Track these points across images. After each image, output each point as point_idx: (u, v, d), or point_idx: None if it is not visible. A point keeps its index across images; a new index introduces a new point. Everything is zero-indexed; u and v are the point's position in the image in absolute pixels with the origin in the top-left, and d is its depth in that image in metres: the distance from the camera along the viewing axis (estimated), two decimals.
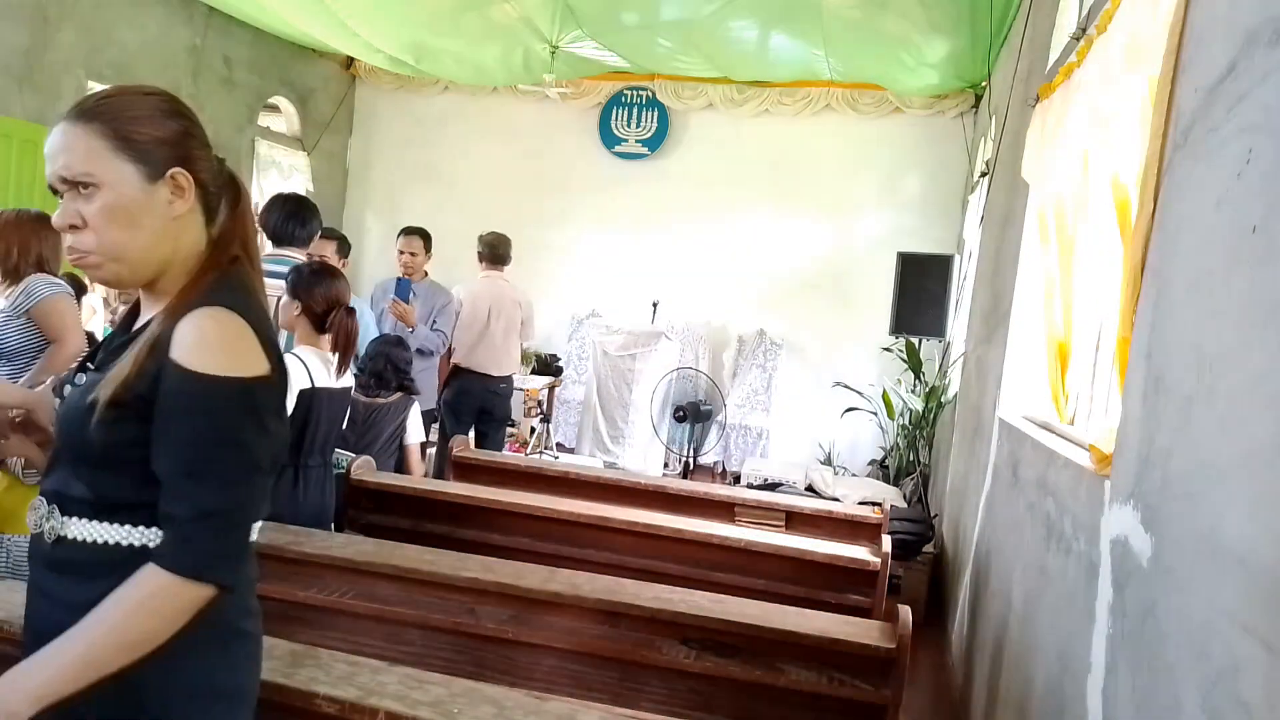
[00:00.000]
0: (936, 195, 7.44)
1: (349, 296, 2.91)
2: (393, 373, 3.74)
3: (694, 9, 5.89)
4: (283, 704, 1.59)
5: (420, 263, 4.74)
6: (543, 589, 2.26)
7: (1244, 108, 1.26)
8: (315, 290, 2.82)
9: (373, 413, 3.69)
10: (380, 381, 3.72)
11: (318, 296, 2.81)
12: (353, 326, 2.84)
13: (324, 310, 2.81)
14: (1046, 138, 2.88)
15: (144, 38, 6.09)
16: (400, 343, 3.94)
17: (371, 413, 3.68)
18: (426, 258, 4.80)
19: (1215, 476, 1.21)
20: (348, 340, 2.82)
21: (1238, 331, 1.20)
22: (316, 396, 2.76)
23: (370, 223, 8.52)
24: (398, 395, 3.74)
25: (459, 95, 8.42)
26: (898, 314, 6.14)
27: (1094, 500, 1.85)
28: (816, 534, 3.28)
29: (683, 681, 2.21)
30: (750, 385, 7.73)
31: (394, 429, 3.73)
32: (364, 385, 3.69)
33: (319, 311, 2.81)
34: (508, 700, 1.61)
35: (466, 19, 6.28)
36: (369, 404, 3.68)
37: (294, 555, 2.38)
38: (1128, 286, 1.74)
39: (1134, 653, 1.47)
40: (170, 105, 1.29)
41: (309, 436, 2.79)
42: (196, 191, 1.27)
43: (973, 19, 5.17)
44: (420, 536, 2.87)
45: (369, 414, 3.68)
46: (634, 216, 8.12)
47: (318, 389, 2.77)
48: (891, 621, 2.15)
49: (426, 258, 4.80)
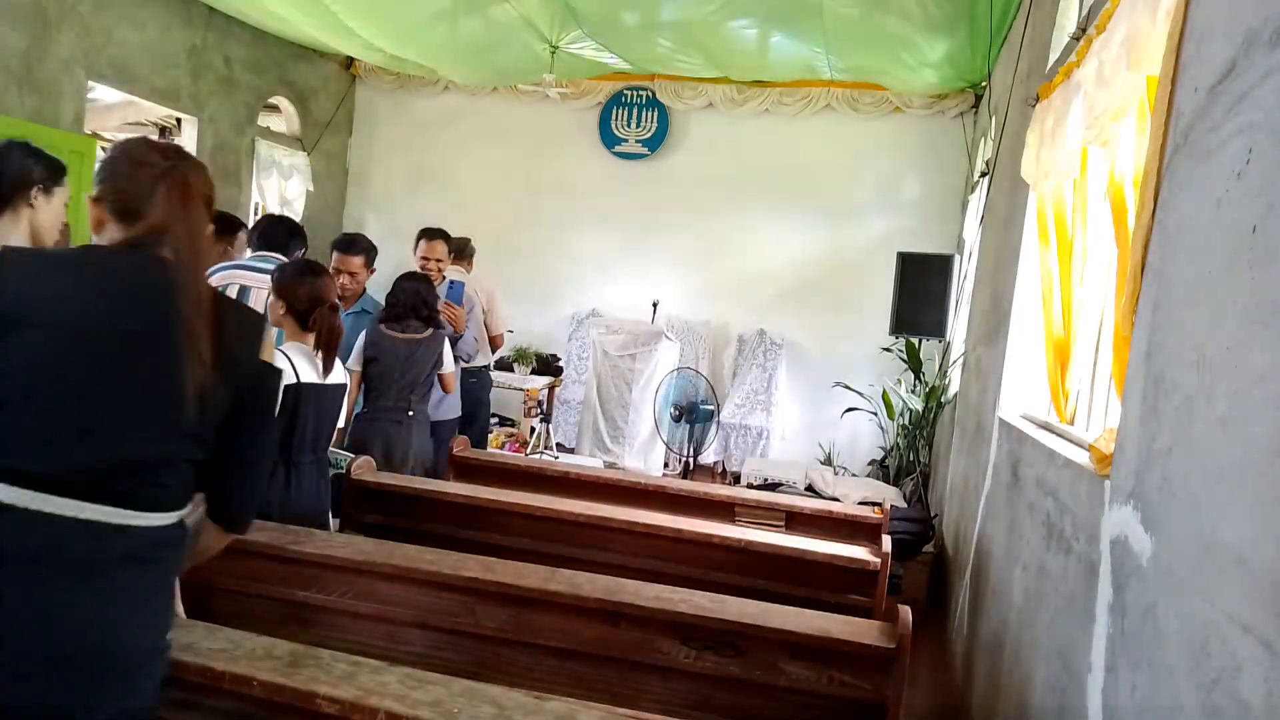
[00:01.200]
0: (936, 195, 7.44)
1: (333, 294, 2.93)
2: (424, 307, 3.89)
3: (694, 9, 5.89)
4: (283, 704, 1.60)
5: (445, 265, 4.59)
6: (543, 589, 2.26)
7: (1244, 108, 1.26)
8: (299, 288, 2.84)
9: (414, 348, 3.85)
10: (417, 316, 3.86)
11: (300, 294, 2.83)
12: (335, 323, 2.87)
13: (307, 308, 2.84)
14: (1046, 138, 2.88)
15: (144, 38, 6.08)
16: (419, 277, 4.06)
17: (413, 348, 3.84)
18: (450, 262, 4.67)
19: (1215, 476, 1.21)
20: (330, 337, 2.84)
21: (1238, 331, 1.20)
22: (303, 392, 2.78)
23: (370, 223, 8.50)
24: (430, 331, 3.89)
25: (459, 95, 8.42)
26: (898, 314, 6.14)
27: (1094, 500, 1.85)
28: (816, 534, 3.27)
29: (683, 681, 2.21)
30: (750, 385, 7.73)
31: (434, 362, 3.91)
32: (396, 319, 3.85)
33: (301, 309, 2.84)
34: (508, 700, 1.61)
35: (466, 19, 6.28)
36: (409, 340, 3.83)
37: (294, 555, 2.38)
38: (1128, 286, 1.74)
39: (1134, 653, 1.47)
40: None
41: (298, 432, 2.80)
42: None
43: (972, 18, 5.17)
44: (420, 536, 2.86)
45: (411, 350, 3.83)
46: (634, 216, 8.12)
47: (304, 384, 2.78)
48: (891, 621, 2.15)
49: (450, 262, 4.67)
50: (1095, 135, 2.22)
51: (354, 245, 3.98)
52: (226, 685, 1.63)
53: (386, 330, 3.83)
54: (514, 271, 7.94)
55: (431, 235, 4.62)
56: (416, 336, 3.86)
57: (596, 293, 8.22)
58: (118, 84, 6.00)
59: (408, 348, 3.82)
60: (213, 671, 1.64)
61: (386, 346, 3.80)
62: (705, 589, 2.42)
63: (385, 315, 3.88)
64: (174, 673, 1.61)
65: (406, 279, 4.00)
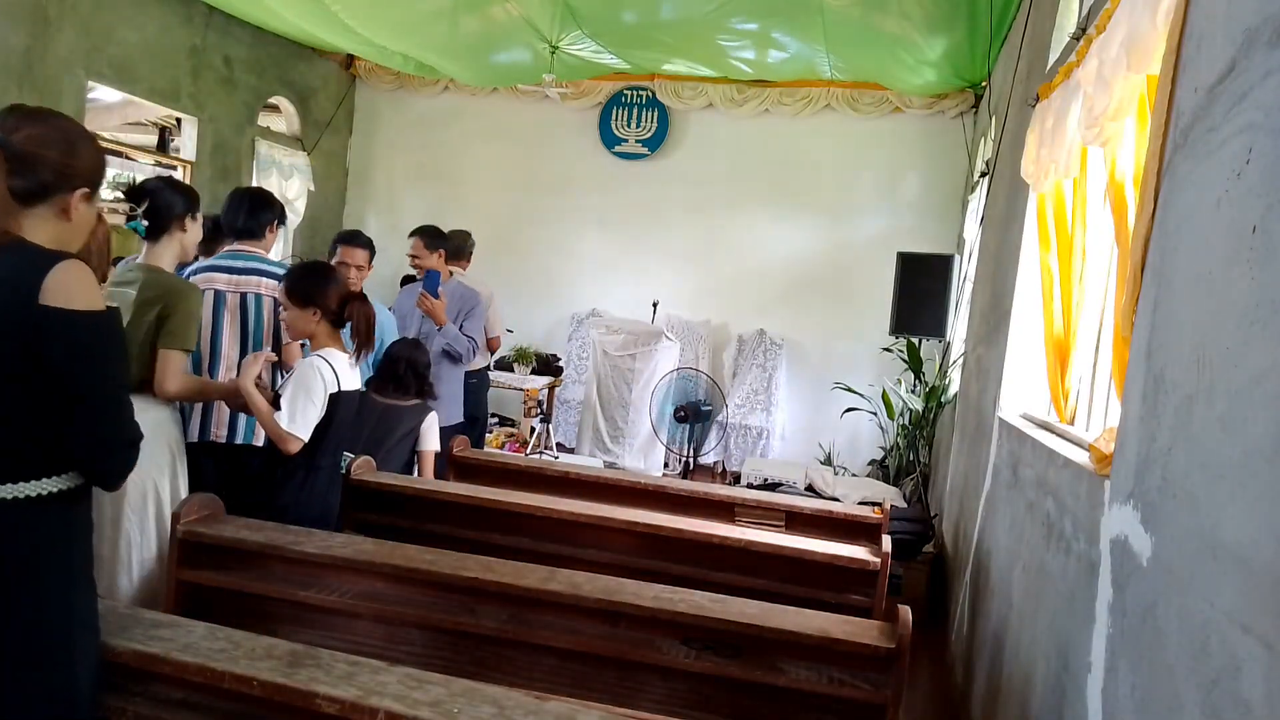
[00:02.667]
0: (936, 195, 7.44)
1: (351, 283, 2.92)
2: (412, 377, 3.66)
3: (694, 9, 5.89)
4: (283, 704, 1.60)
5: (431, 263, 4.39)
6: (543, 589, 2.26)
7: (1244, 107, 1.26)
8: (328, 290, 2.78)
9: (387, 412, 3.61)
10: (399, 385, 3.63)
11: (331, 295, 2.77)
12: (370, 311, 2.82)
13: (339, 305, 2.78)
14: (1046, 137, 2.88)
15: (144, 38, 6.08)
16: (420, 346, 3.80)
17: (386, 412, 3.61)
18: (436, 256, 4.43)
19: (1215, 476, 1.21)
20: (368, 326, 2.80)
21: (1238, 331, 1.20)
22: (340, 400, 2.77)
23: (370, 223, 8.51)
24: (415, 401, 3.66)
25: (459, 95, 8.42)
26: (898, 314, 6.14)
27: (1094, 500, 1.85)
28: (816, 534, 3.27)
29: (683, 681, 2.21)
30: (750, 385, 7.73)
31: (406, 432, 3.62)
32: (383, 388, 3.62)
33: (335, 308, 2.78)
34: (508, 700, 1.61)
35: (466, 19, 6.28)
36: (386, 404, 3.61)
37: (294, 555, 2.38)
38: (1128, 286, 1.74)
39: (1134, 652, 1.47)
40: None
41: (329, 437, 2.79)
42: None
43: (971, 16, 5.17)
44: (420, 536, 2.86)
45: (383, 413, 3.60)
46: (634, 216, 8.12)
47: (343, 392, 2.77)
48: (891, 621, 2.15)
49: (436, 256, 4.43)
50: (1095, 135, 2.22)
51: (358, 238, 3.89)
52: (226, 685, 1.63)
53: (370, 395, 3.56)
54: (514, 271, 7.95)
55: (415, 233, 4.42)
56: (398, 402, 3.64)
57: (596, 293, 8.23)
58: (118, 84, 6.00)
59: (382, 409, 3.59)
60: (213, 671, 1.64)
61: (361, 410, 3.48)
62: (705, 589, 2.42)
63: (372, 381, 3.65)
64: (174, 673, 1.61)
65: (400, 345, 3.76)
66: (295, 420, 2.67)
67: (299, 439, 2.69)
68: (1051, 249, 2.92)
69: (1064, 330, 2.75)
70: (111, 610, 1.82)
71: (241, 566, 2.43)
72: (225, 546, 2.41)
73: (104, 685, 1.66)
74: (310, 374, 2.72)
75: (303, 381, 2.70)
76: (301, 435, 2.69)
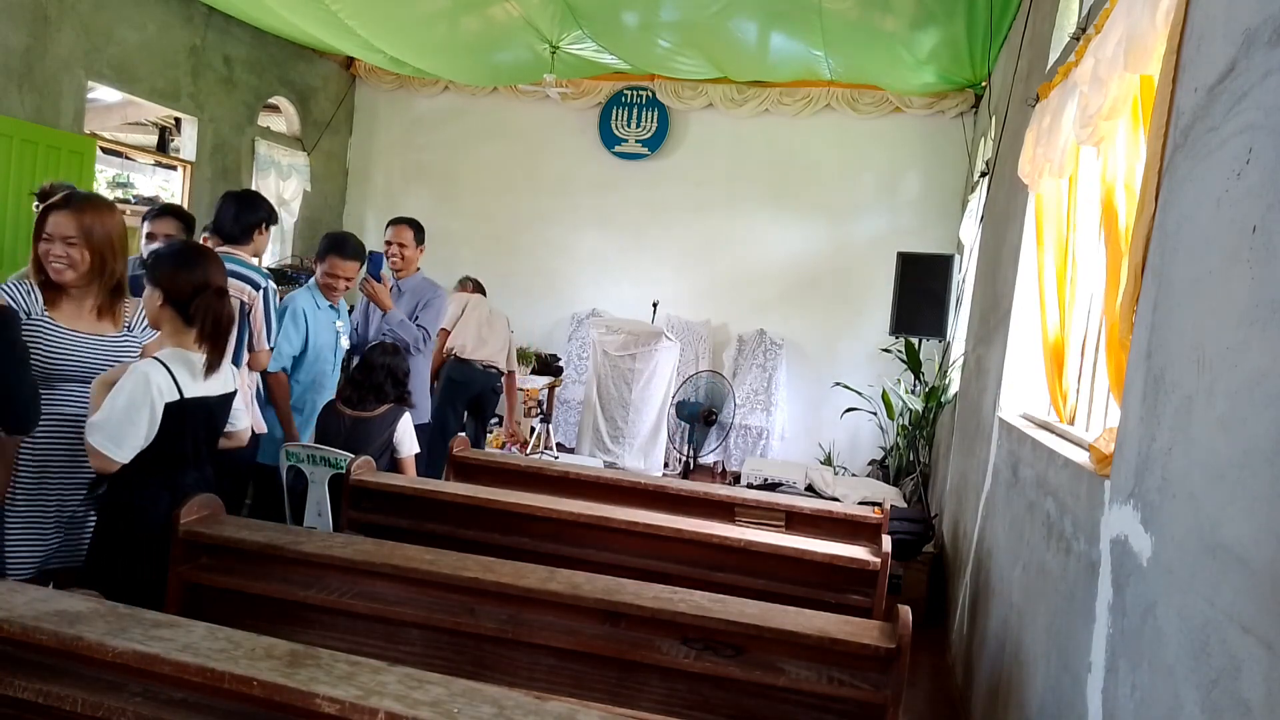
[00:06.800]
0: (936, 195, 7.44)
1: (223, 280, 2.40)
2: (391, 385, 3.53)
3: (694, 9, 5.89)
4: (283, 704, 1.59)
5: (411, 256, 4.26)
6: (543, 589, 2.26)
7: (1244, 107, 1.26)
8: (179, 274, 2.30)
9: (357, 425, 3.45)
10: (378, 395, 3.49)
11: (182, 281, 2.30)
12: (223, 310, 2.33)
13: (189, 296, 2.30)
14: (1043, 137, 2.88)
15: (144, 38, 6.09)
16: (399, 352, 3.66)
17: (355, 425, 3.45)
18: (418, 251, 4.31)
19: (1215, 476, 1.21)
20: (216, 327, 2.31)
21: (1237, 331, 1.20)
22: (186, 409, 2.31)
23: (370, 223, 8.51)
24: (387, 407, 3.51)
25: (459, 95, 8.42)
26: (898, 314, 6.14)
27: (1094, 500, 1.85)
28: (816, 534, 3.27)
29: (683, 681, 2.21)
30: (750, 385, 7.73)
31: (381, 442, 3.46)
32: (352, 399, 3.48)
33: (184, 299, 2.30)
34: (508, 700, 1.61)
35: (466, 19, 6.28)
36: (354, 416, 3.46)
37: (294, 555, 2.38)
38: (1128, 286, 1.74)
39: (1134, 652, 1.47)
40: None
41: (181, 452, 2.37)
42: None
43: (970, 11, 5.17)
44: (420, 536, 2.86)
45: (353, 426, 3.44)
46: (634, 216, 8.12)
47: (187, 400, 2.30)
48: (891, 621, 2.15)
49: (418, 251, 4.31)
50: (1089, 134, 2.22)
51: (347, 246, 3.71)
52: (226, 685, 1.63)
53: (338, 407, 3.46)
54: (514, 271, 7.96)
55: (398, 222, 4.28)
56: (365, 414, 3.46)
57: (596, 293, 8.23)
58: (118, 84, 6.00)
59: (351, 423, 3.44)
60: (213, 672, 1.64)
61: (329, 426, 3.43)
62: (705, 589, 2.42)
63: (343, 391, 3.53)
64: (174, 673, 1.61)
65: (379, 352, 3.58)
66: (110, 436, 2.20)
67: (111, 460, 2.21)
68: (1049, 249, 2.92)
69: (1063, 330, 2.76)
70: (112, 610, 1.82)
71: (241, 566, 2.43)
72: (225, 546, 2.41)
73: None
74: (131, 385, 2.22)
75: (120, 392, 2.22)
76: (115, 456, 2.21)
